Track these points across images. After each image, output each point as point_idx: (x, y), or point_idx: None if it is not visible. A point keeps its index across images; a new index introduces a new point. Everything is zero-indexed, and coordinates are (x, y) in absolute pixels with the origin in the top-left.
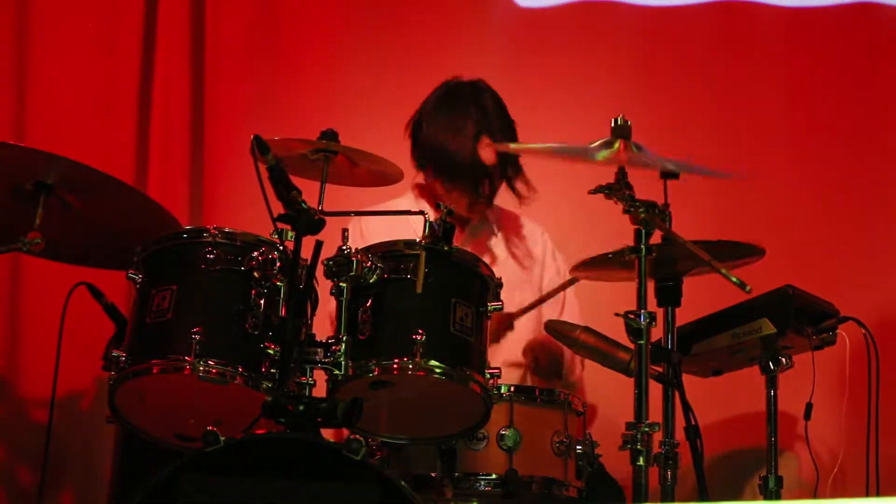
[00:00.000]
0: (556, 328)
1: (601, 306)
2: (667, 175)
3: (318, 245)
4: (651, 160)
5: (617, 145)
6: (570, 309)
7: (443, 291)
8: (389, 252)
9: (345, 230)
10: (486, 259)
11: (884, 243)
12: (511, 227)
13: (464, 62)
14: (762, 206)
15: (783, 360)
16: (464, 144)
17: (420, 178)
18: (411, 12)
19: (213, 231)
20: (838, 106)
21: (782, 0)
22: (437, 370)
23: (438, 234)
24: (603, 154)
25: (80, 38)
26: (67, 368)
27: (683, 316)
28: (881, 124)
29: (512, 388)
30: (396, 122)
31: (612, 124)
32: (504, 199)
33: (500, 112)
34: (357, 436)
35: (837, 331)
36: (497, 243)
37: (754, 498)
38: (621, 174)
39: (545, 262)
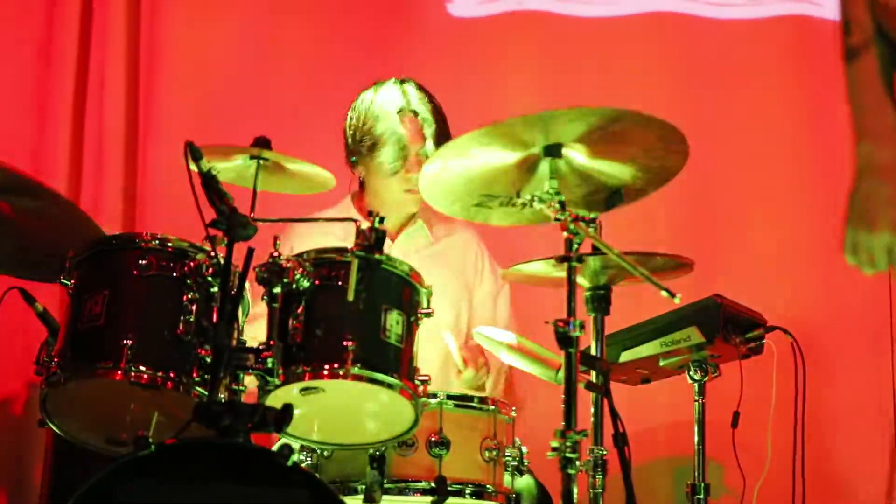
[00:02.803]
0: (484, 336)
1: (531, 314)
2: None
3: (250, 251)
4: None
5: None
6: (501, 312)
7: (374, 298)
8: (321, 259)
9: (276, 237)
10: (419, 266)
11: (810, 253)
12: (446, 234)
13: (396, 70)
14: (690, 216)
15: (711, 368)
16: (387, 117)
17: (355, 186)
18: (344, 20)
19: (145, 237)
20: (770, 116)
21: (716, 13)
22: (368, 376)
23: (370, 241)
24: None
25: (14, 43)
26: None
27: (612, 324)
28: (809, 135)
29: (441, 395)
30: (329, 130)
31: None
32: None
33: (423, 95)
34: (287, 441)
35: (764, 340)
36: (431, 251)
37: None
38: (552, 184)
39: (482, 270)
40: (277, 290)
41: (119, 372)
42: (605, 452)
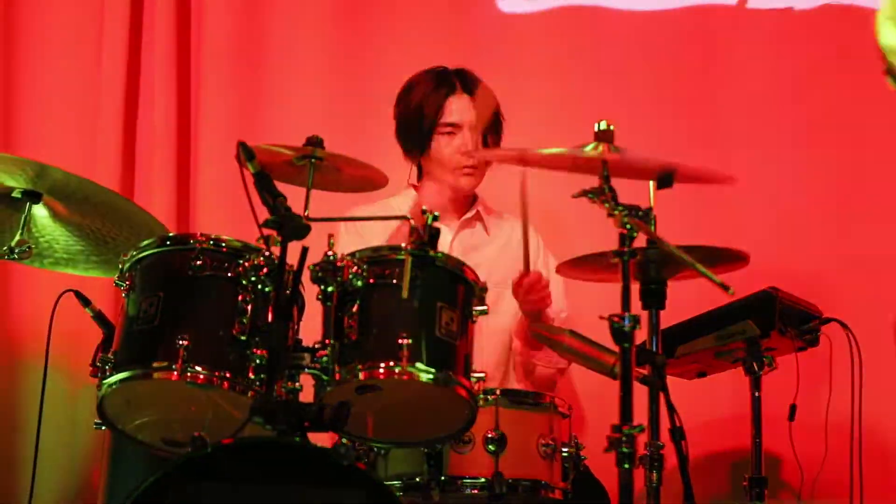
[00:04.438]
0: (541, 332)
1: (585, 309)
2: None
3: (304, 251)
4: (638, 161)
5: (600, 150)
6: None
7: (428, 296)
8: (375, 257)
9: (330, 236)
10: (474, 259)
11: (866, 244)
12: (500, 226)
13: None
14: (746, 209)
15: (767, 361)
16: (432, 116)
17: (414, 178)
18: (394, 18)
19: (199, 238)
20: (821, 107)
21: (762, 3)
22: (424, 374)
23: (424, 238)
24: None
25: (65, 46)
26: (56, 374)
27: (667, 319)
28: (861, 125)
29: (498, 392)
30: (381, 128)
31: (595, 129)
32: (492, 198)
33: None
34: (344, 440)
35: (820, 332)
36: (489, 244)
37: (739, 499)
38: (604, 178)
39: (539, 259)
40: (332, 288)
41: (175, 372)
42: (661, 447)
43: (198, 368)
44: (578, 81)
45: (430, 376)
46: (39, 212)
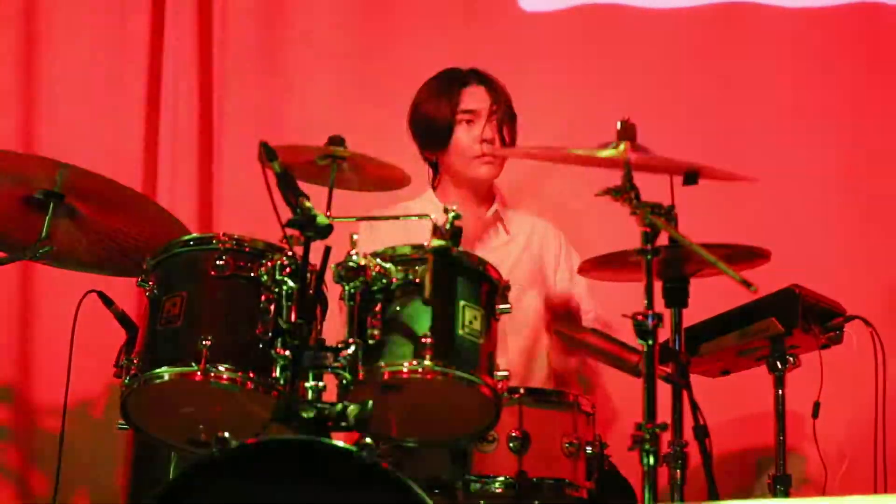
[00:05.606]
0: (564, 331)
1: (608, 307)
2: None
3: (327, 250)
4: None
5: (623, 147)
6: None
7: (451, 294)
8: (397, 256)
9: (353, 235)
10: (496, 259)
11: (889, 241)
12: (519, 224)
13: (468, 65)
14: (768, 206)
15: (790, 359)
16: (448, 106)
17: (431, 180)
18: (416, 18)
19: (222, 238)
20: (843, 105)
21: (786, 1)
22: (447, 373)
23: (446, 237)
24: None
25: (87, 45)
26: (79, 375)
27: (690, 317)
28: (886, 123)
29: (522, 390)
30: (402, 128)
31: (618, 127)
32: (515, 197)
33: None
34: (368, 439)
35: (844, 329)
36: (507, 242)
37: (763, 497)
38: (627, 176)
39: (563, 257)
40: (355, 288)
41: (198, 373)
42: (685, 445)
43: (221, 368)
44: (600, 79)
45: (453, 375)
46: (62, 212)
